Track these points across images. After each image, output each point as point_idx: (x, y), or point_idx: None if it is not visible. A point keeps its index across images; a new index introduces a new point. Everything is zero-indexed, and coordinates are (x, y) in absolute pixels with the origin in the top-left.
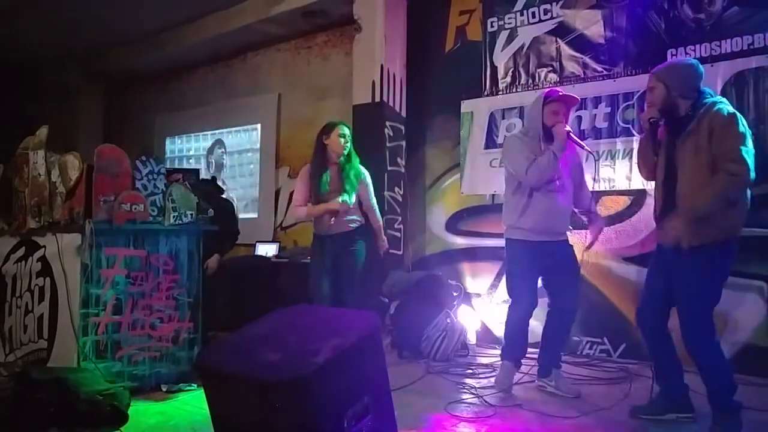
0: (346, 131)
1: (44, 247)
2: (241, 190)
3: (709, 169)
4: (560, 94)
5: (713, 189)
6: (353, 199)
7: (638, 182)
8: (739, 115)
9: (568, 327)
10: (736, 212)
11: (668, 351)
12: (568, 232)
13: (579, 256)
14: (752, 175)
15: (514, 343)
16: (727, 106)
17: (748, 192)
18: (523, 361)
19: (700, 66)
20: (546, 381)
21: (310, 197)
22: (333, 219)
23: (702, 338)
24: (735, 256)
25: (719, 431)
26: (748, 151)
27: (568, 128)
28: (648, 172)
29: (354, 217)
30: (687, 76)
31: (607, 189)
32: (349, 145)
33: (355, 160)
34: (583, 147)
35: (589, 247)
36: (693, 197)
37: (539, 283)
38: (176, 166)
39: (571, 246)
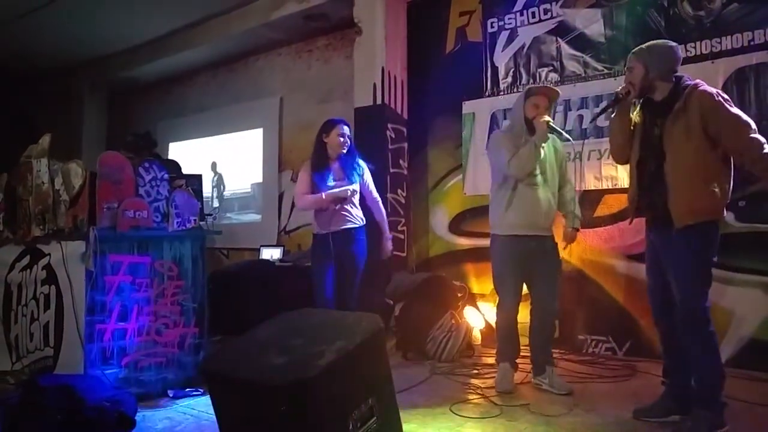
0: (346, 130)
1: (49, 255)
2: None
3: (697, 149)
4: (541, 87)
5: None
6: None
7: None
8: (721, 93)
9: (552, 323)
10: (720, 195)
11: (679, 349)
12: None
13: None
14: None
15: (507, 343)
16: (708, 87)
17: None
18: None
19: (679, 49)
20: (540, 379)
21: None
22: (339, 205)
23: (694, 323)
24: (718, 240)
25: (700, 428)
26: (747, 123)
27: (548, 119)
28: (617, 154)
29: (355, 215)
30: (666, 58)
31: (610, 187)
32: (349, 143)
33: (356, 155)
34: (561, 134)
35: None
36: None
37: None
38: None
39: (555, 243)
